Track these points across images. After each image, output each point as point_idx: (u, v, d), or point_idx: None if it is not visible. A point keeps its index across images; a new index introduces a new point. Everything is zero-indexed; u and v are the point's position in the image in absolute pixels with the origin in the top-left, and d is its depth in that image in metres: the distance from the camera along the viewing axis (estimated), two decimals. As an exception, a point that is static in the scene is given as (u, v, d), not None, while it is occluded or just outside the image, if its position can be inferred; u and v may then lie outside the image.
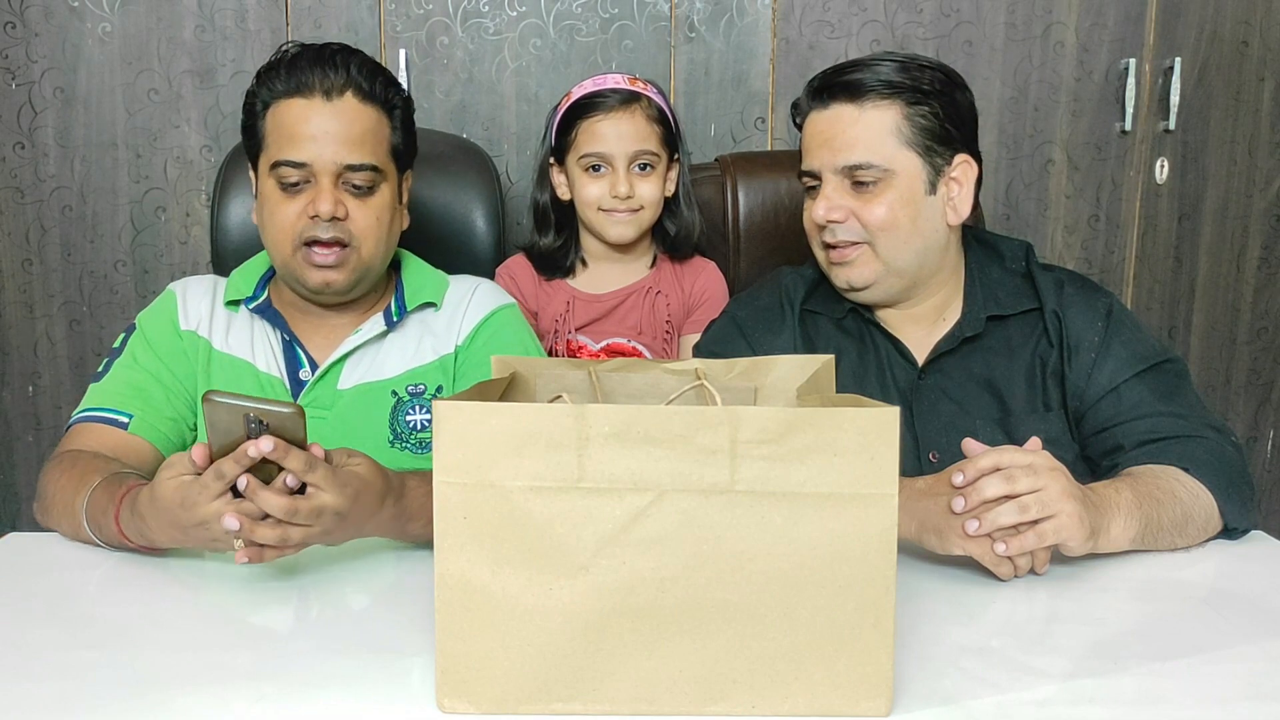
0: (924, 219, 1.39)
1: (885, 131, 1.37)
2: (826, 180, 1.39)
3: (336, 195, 1.35)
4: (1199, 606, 1.09)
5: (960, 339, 1.41)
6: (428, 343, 1.45)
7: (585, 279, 1.78)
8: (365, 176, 1.36)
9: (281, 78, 1.36)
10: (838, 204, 1.38)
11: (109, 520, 1.15)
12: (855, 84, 1.37)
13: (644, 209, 1.71)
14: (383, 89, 1.39)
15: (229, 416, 1.01)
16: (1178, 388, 1.37)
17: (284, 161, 1.35)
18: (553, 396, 1.07)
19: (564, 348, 1.75)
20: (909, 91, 1.37)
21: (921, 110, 1.37)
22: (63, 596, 1.10)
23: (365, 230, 1.37)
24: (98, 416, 1.35)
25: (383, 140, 1.39)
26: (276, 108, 1.36)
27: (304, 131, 1.34)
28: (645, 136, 1.69)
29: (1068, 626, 1.04)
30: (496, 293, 1.52)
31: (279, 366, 1.42)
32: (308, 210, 1.34)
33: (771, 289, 1.51)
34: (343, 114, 1.35)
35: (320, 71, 1.35)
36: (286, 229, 1.36)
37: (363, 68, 1.38)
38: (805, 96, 1.42)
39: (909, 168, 1.37)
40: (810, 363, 1.11)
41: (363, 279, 1.40)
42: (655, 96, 1.72)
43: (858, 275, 1.40)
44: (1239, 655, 0.98)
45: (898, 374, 1.42)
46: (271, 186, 1.37)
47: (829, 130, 1.39)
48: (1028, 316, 1.42)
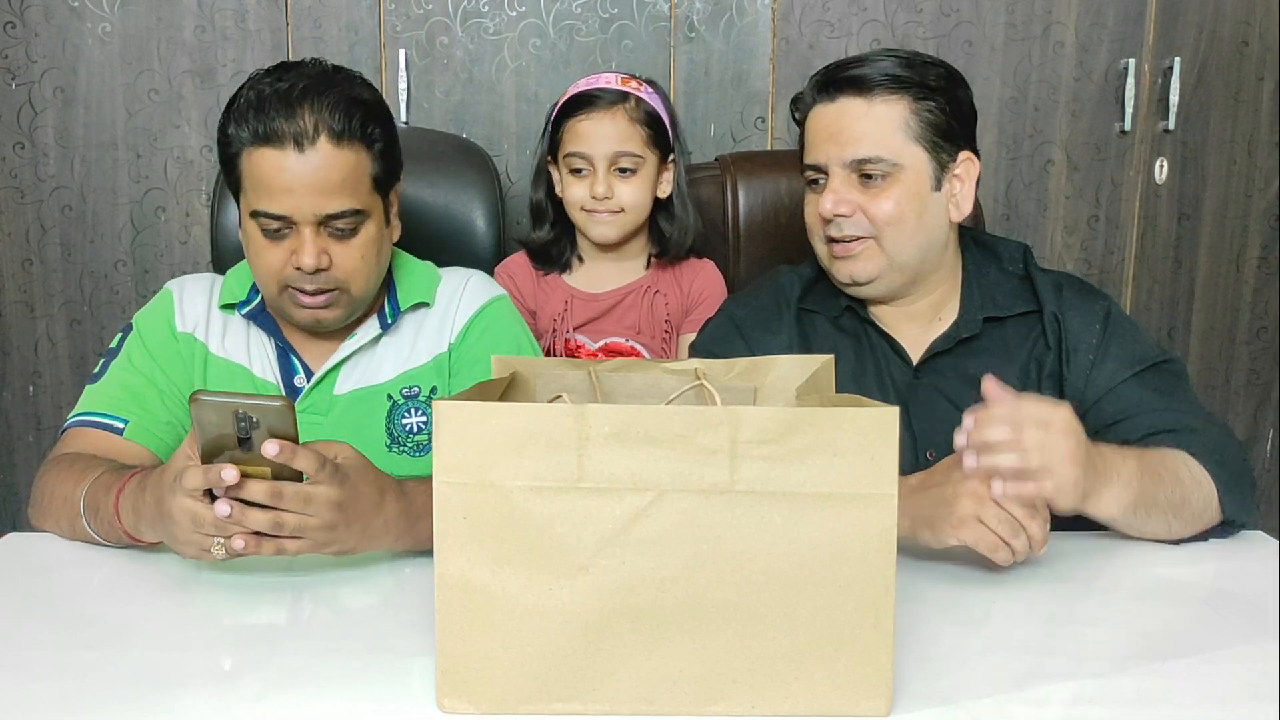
0: (929, 214, 1.39)
1: (894, 126, 1.36)
2: (833, 174, 1.38)
3: (319, 244, 1.30)
4: (1199, 606, 1.09)
5: (956, 340, 1.41)
6: (422, 343, 1.44)
7: (583, 278, 1.78)
8: (347, 221, 1.31)
9: (249, 124, 1.29)
10: (845, 198, 1.37)
11: (110, 497, 1.15)
12: (862, 78, 1.36)
13: (624, 211, 1.70)
14: (359, 125, 1.31)
15: (218, 415, 0.99)
16: (1177, 387, 1.37)
17: (262, 213, 1.31)
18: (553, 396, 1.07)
19: (562, 347, 1.74)
20: (916, 86, 1.36)
21: (928, 105, 1.37)
22: (63, 596, 1.10)
23: (352, 272, 1.34)
24: (93, 421, 1.35)
25: (362, 178, 1.32)
26: (250, 155, 1.30)
27: (279, 184, 1.28)
28: (627, 138, 1.68)
29: (1067, 627, 1.04)
30: (487, 285, 1.51)
31: (274, 373, 1.41)
32: (291, 261, 1.31)
33: (769, 288, 1.50)
34: (317, 164, 1.28)
35: (288, 119, 1.28)
36: (273, 273, 1.33)
37: (335, 109, 1.29)
38: (809, 91, 1.41)
39: (916, 163, 1.37)
40: (810, 363, 1.11)
41: (352, 312, 1.38)
42: (647, 97, 1.70)
43: (861, 269, 1.39)
44: (1239, 655, 0.98)
45: (894, 372, 1.42)
46: (254, 230, 1.33)
47: (836, 124, 1.38)
48: (1024, 319, 1.42)
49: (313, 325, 1.37)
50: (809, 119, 1.42)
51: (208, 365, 1.41)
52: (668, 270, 1.78)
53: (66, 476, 1.24)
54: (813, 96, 1.41)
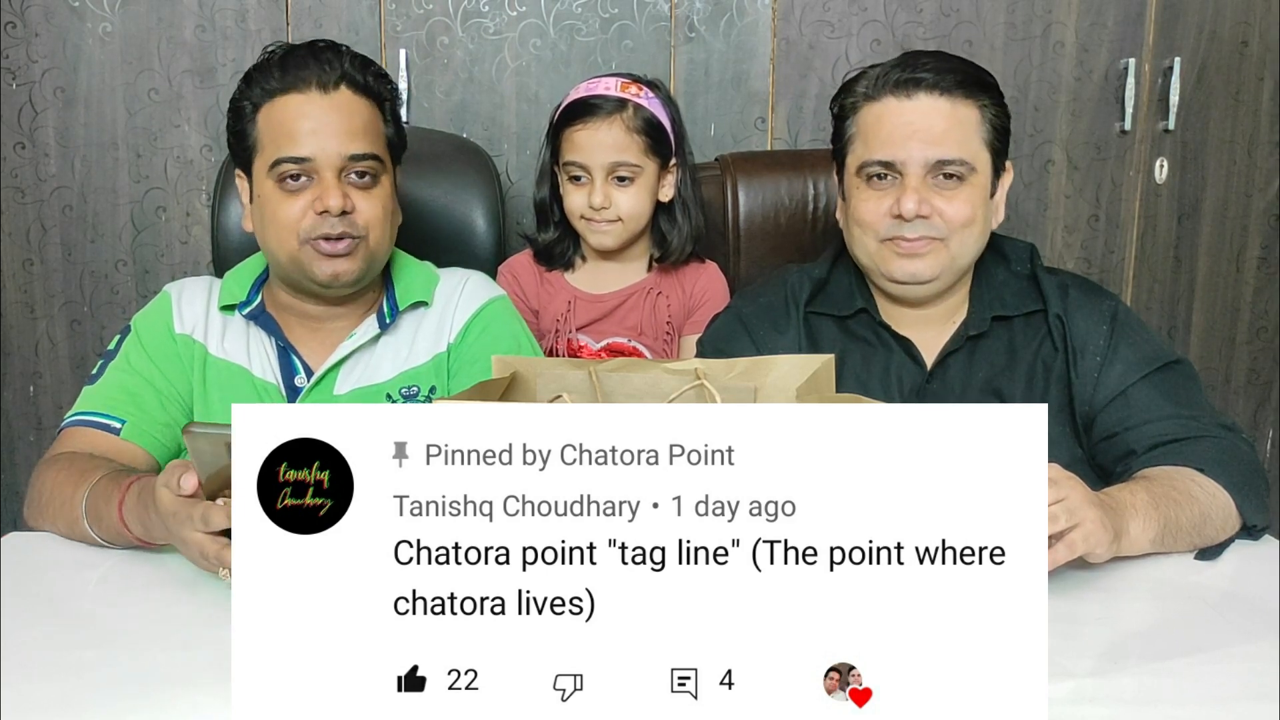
0: (986, 219, 1.39)
1: (973, 128, 1.36)
2: (910, 173, 1.34)
3: (342, 188, 1.34)
4: (1200, 606, 1.09)
5: (965, 337, 1.41)
6: (421, 342, 1.44)
7: (586, 279, 1.78)
8: (369, 165, 1.35)
9: (275, 76, 1.35)
10: (925, 198, 1.34)
11: (111, 509, 1.15)
12: (942, 78, 1.35)
13: (622, 220, 1.69)
14: (375, 81, 1.38)
15: (211, 447, 0.98)
16: (1186, 389, 1.36)
17: (285, 158, 1.33)
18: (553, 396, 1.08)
19: (564, 347, 1.75)
20: (988, 91, 1.37)
21: (993, 111, 1.37)
22: (63, 596, 1.10)
23: (372, 220, 1.36)
24: (90, 421, 1.35)
25: (379, 132, 1.39)
26: (270, 106, 1.35)
27: (303, 126, 1.33)
28: (624, 147, 1.67)
29: (1068, 627, 1.04)
30: (486, 285, 1.51)
31: (274, 373, 1.41)
32: (314, 206, 1.33)
33: (777, 287, 1.49)
34: (340, 106, 1.35)
35: (315, 65, 1.34)
36: (291, 226, 1.34)
37: (354, 61, 1.37)
38: (876, 85, 1.37)
39: (984, 167, 1.37)
40: (810, 362, 1.11)
41: (369, 270, 1.39)
42: (647, 102, 1.69)
43: (926, 268, 1.37)
44: (1239, 655, 0.98)
45: (904, 376, 1.41)
46: (271, 187, 1.35)
47: (920, 122, 1.34)
48: (1031, 319, 1.42)
49: (330, 281, 1.36)
50: (866, 113, 1.38)
51: (206, 366, 1.40)
52: (670, 272, 1.78)
53: (65, 478, 1.24)
54: (875, 91, 1.37)
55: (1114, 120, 2.21)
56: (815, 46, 2.15)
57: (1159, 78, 2.20)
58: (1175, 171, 2.24)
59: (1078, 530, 1.07)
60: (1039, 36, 2.18)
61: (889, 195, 1.36)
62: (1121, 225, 2.26)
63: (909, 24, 2.15)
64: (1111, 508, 1.12)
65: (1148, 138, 2.22)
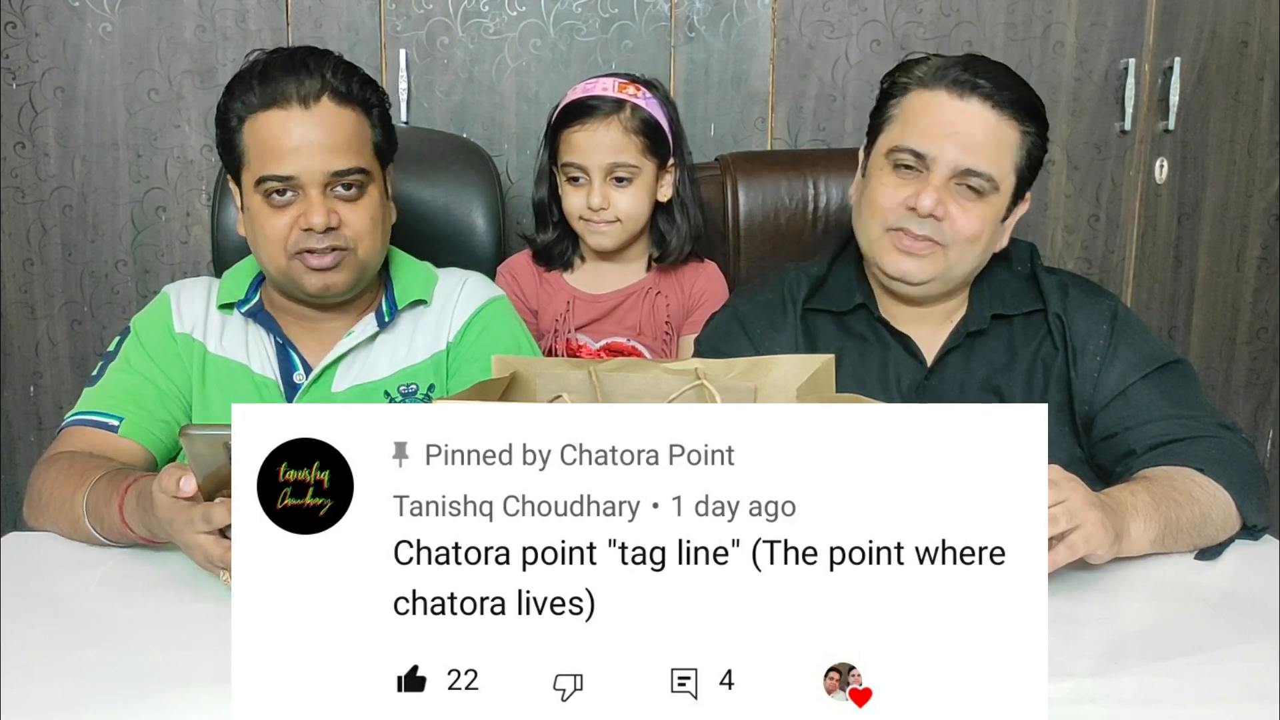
0: (991, 240, 1.39)
1: (1009, 148, 1.35)
2: (937, 172, 1.34)
3: (327, 204, 1.32)
4: (1200, 606, 1.09)
5: (965, 334, 1.41)
6: (419, 341, 1.45)
7: (585, 279, 1.77)
8: (354, 178, 1.34)
9: (255, 90, 1.32)
10: (942, 199, 1.34)
11: (112, 509, 1.15)
12: (998, 91, 1.34)
13: (621, 221, 1.69)
14: (359, 89, 1.36)
15: (208, 448, 0.99)
16: (1186, 389, 1.36)
17: (269, 177, 1.32)
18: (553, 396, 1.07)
19: (563, 347, 1.75)
20: (1039, 121, 1.37)
21: (1034, 140, 1.37)
22: (63, 596, 1.10)
23: (360, 232, 1.35)
24: (89, 420, 1.35)
25: (365, 141, 1.36)
26: (253, 121, 1.33)
27: (285, 144, 1.31)
28: (622, 148, 1.67)
29: (1068, 627, 1.04)
30: (485, 285, 1.51)
31: (273, 369, 1.42)
32: (299, 223, 1.32)
33: (775, 285, 1.49)
34: (322, 120, 1.32)
35: (294, 79, 1.31)
36: (278, 240, 1.34)
37: (337, 69, 1.34)
38: (934, 75, 1.36)
39: (1007, 190, 1.37)
40: (810, 362, 1.11)
41: (360, 279, 1.39)
42: (644, 102, 1.69)
43: (919, 271, 1.36)
44: (1239, 655, 0.98)
45: (902, 373, 1.41)
46: (258, 202, 1.34)
47: (962, 124, 1.33)
48: (1031, 318, 1.42)
49: (321, 293, 1.36)
50: (914, 98, 1.37)
51: (206, 364, 1.41)
52: (669, 272, 1.78)
53: (65, 478, 1.24)
54: (930, 80, 1.36)
55: (1114, 120, 2.21)
56: (815, 46, 2.15)
57: (1159, 78, 2.20)
58: (1175, 171, 2.24)
59: (1078, 532, 1.06)
60: (1039, 36, 2.17)
61: (909, 186, 1.35)
62: (1121, 225, 2.26)
63: (909, 24, 2.15)
64: (1112, 509, 1.12)
65: (1148, 138, 2.22)
